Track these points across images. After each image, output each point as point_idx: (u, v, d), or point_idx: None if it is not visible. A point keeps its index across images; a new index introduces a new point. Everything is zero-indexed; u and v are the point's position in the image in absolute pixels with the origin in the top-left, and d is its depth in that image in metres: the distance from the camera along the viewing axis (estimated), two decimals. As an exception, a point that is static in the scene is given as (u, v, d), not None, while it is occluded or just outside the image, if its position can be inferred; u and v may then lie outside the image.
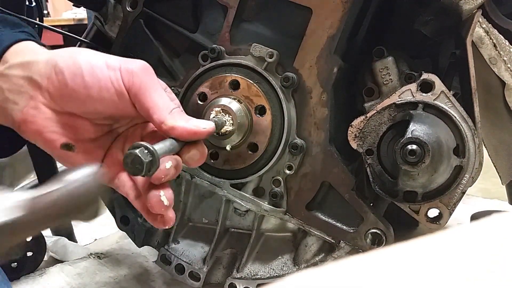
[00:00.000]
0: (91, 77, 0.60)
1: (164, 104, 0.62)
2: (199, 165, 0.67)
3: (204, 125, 0.64)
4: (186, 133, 0.62)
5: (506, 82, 0.90)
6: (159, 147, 0.57)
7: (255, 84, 0.87)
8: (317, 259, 0.95)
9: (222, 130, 0.81)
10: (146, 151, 0.55)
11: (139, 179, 0.63)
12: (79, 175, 0.48)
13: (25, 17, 1.17)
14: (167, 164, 0.59)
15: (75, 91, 0.60)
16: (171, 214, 0.64)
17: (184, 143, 0.63)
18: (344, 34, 0.86)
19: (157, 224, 0.65)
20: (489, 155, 0.99)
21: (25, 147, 1.39)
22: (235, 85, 0.87)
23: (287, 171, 0.90)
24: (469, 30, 0.82)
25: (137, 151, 0.55)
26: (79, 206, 0.47)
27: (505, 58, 0.89)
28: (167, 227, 0.65)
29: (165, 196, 0.61)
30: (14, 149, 0.80)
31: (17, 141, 0.67)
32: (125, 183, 0.65)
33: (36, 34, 0.70)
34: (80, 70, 0.61)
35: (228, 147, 0.86)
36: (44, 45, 0.67)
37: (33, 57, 0.63)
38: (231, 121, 0.82)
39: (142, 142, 0.56)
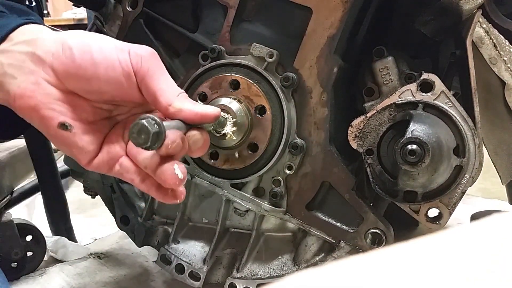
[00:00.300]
0: (99, 55, 0.61)
1: (171, 88, 0.63)
2: (201, 154, 0.67)
3: (210, 109, 0.65)
4: (194, 115, 0.62)
5: (506, 82, 0.90)
6: (165, 123, 0.57)
7: (255, 84, 0.87)
8: (317, 259, 0.95)
9: (223, 131, 0.80)
10: (153, 122, 0.55)
11: (143, 161, 0.63)
12: None
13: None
14: (172, 132, 0.59)
15: (82, 67, 0.60)
16: (182, 187, 0.64)
17: (189, 127, 0.63)
18: (344, 34, 0.86)
19: (167, 199, 0.64)
20: (489, 155, 0.99)
21: (25, 147, 1.40)
22: (235, 85, 0.87)
23: (287, 171, 0.90)
24: (469, 30, 0.82)
25: (144, 121, 0.54)
26: None
27: (505, 58, 0.89)
28: (178, 202, 0.65)
29: (179, 169, 0.61)
30: (15, 133, 0.79)
31: (19, 124, 0.66)
32: (129, 168, 0.64)
33: (43, 22, 0.70)
34: (89, 48, 0.61)
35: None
36: (53, 29, 0.68)
37: (40, 35, 0.63)
38: (231, 121, 0.82)
39: (149, 114, 0.55)
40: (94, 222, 1.94)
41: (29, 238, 1.29)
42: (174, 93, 0.63)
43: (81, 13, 4.88)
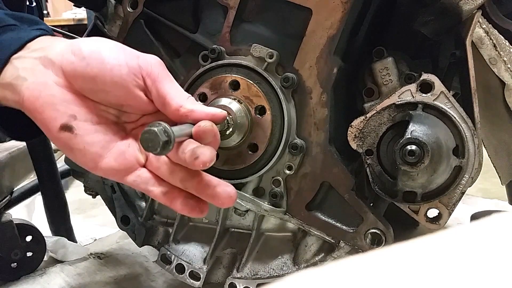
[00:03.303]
0: (108, 54, 0.63)
1: (180, 92, 0.66)
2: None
3: (219, 110, 0.69)
4: (205, 115, 0.65)
5: (506, 82, 0.90)
6: (175, 128, 0.60)
7: (255, 85, 0.87)
8: (317, 259, 0.95)
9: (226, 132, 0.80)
10: (163, 129, 0.58)
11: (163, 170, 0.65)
12: None
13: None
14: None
15: (89, 65, 0.62)
16: (206, 205, 0.66)
17: None
18: (344, 35, 0.86)
19: (194, 213, 0.66)
20: (488, 155, 0.99)
21: (25, 147, 1.39)
22: (235, 85, 0.87)
23: (287, 171, 0.90)
24: (469, 31, 0.82)
25: (154, 129, 0.57)
26: None
27: (505, 59, 0.89)
28: (203, 215, 0.67)
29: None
30: (29, 135, 0.79)
31: (33, 127, 0.67)
32: (148, 180, 0.66)
33: (51, 30, 0.72)
34: (98, 48, 0.64)
35: None
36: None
37: (54, 43, 0.66)
38: (231, 122, 0.82)
39: (161, 122, 0.58)
40: (94, 222, 1.93)
41: (29, 238, 1.29)
42: (184, 96, 0.65)
43: (81, 13, 4.88)
